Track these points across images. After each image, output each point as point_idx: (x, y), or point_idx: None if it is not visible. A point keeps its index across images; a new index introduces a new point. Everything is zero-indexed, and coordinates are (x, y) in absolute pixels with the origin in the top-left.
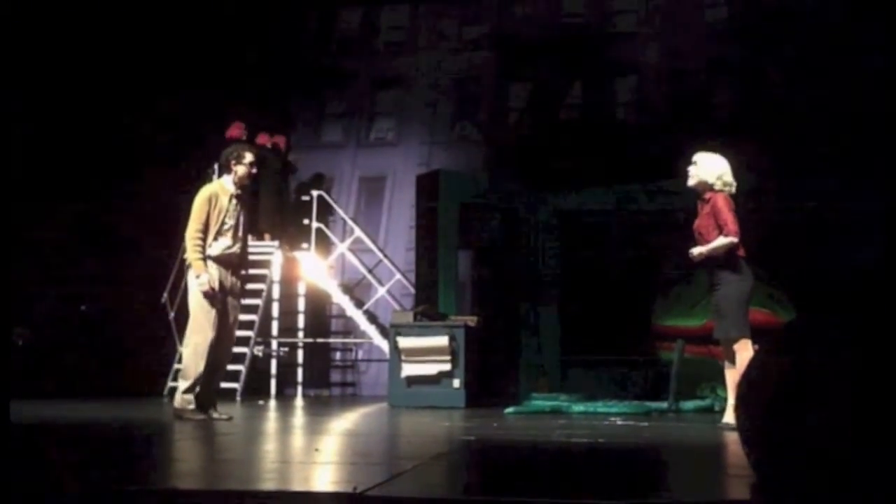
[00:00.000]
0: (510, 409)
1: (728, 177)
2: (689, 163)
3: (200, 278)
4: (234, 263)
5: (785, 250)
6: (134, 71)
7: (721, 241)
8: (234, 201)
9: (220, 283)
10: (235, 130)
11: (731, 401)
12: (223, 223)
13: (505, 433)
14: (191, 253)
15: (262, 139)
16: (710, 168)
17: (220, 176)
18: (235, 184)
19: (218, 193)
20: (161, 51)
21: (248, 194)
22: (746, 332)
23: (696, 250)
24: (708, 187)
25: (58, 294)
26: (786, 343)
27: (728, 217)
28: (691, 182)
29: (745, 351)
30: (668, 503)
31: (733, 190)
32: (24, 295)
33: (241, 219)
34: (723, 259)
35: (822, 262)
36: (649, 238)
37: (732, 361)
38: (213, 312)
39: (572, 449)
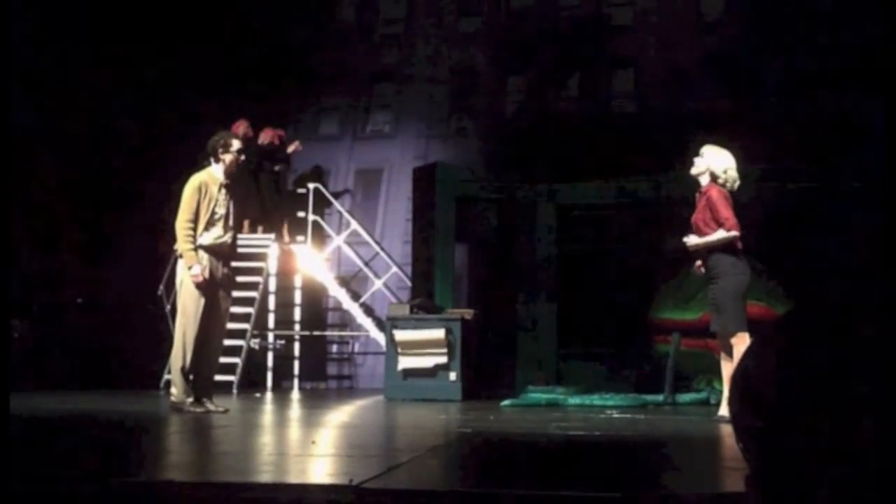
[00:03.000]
0: (506, 402)
1: (733, 172)
2: (696, 154)
3: (193, 269)
4: (225, 254)
5: (782, 242)
6: (133, 65)
7: (720, 234)
8: (223, 190)
9: (211, 273)
10: (241, 127)
11: (726, 393)
12: (213, 213)
13: (501, 426)
14: (182, 243)
15: (266, 133)
16: (717, 160)
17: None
18: (224, 172)
19: (208, 183)
20: (161, 44)
21: (239, 184)
22: (744, 326)
23: (692, 240)
24: (712, 177)
25: (54, 286)
26: (781, 334)
27: (725, 212)
28: (695, 170)
29: (742, 344)
30: (664, 495)
31: (735, 186)
32: (19, 287)
33: (231, 208)
34: (720, 252)
35: (819, 254)
36: (647, 231)
37: (729, 355)
38: (202, 303)
39: (568, 442)
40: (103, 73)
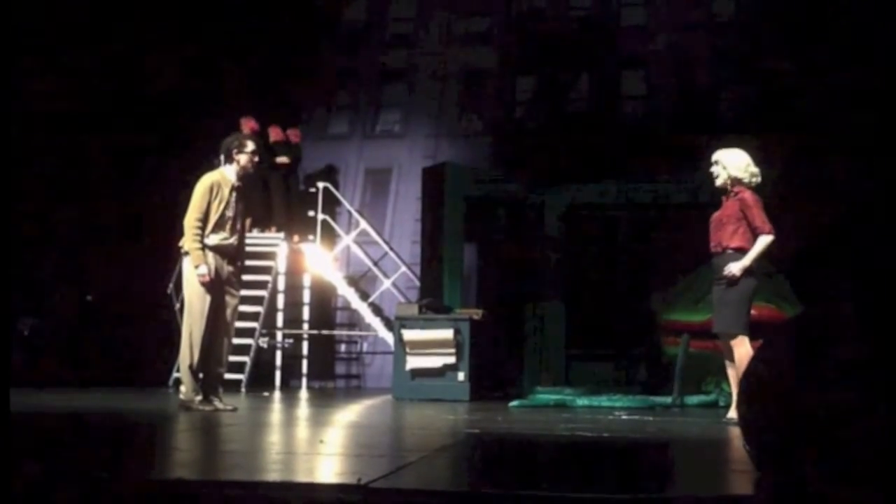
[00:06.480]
0: (514, 403)
1: (753, 167)
2: (707, 158)
3: (200, 268)
4: (232, 254)
5: (790, 243)
6: (141, 62)
7: (760, 244)
8: (234, 192)
9: (217, 272)
10: (248, 123)
11: (735, 396)
12: (223, 214)
13: (509, 427)
14: (190, 242)
15: (276, 133)
16: (735, 163)
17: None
18: (238, 174)
19: (220, 183)
20: (170, 44)
21: (251, 186)
22: (744, 329)
23: (736, 268)
24: (738, 182)
25: (64, 284)
26: (790, 338)
27: (760, 218)
28: (720, 182)
29: (741, 347)
30: (672, 498)
31: (759, 179)
32: (30, 285)
33: (240, 210)
34: (733, 252)
35: (829, 255)
36: (655, 232)
37: (731, 358)
38: (208, 301)
39: (576, 443)
40: (112, 73)
